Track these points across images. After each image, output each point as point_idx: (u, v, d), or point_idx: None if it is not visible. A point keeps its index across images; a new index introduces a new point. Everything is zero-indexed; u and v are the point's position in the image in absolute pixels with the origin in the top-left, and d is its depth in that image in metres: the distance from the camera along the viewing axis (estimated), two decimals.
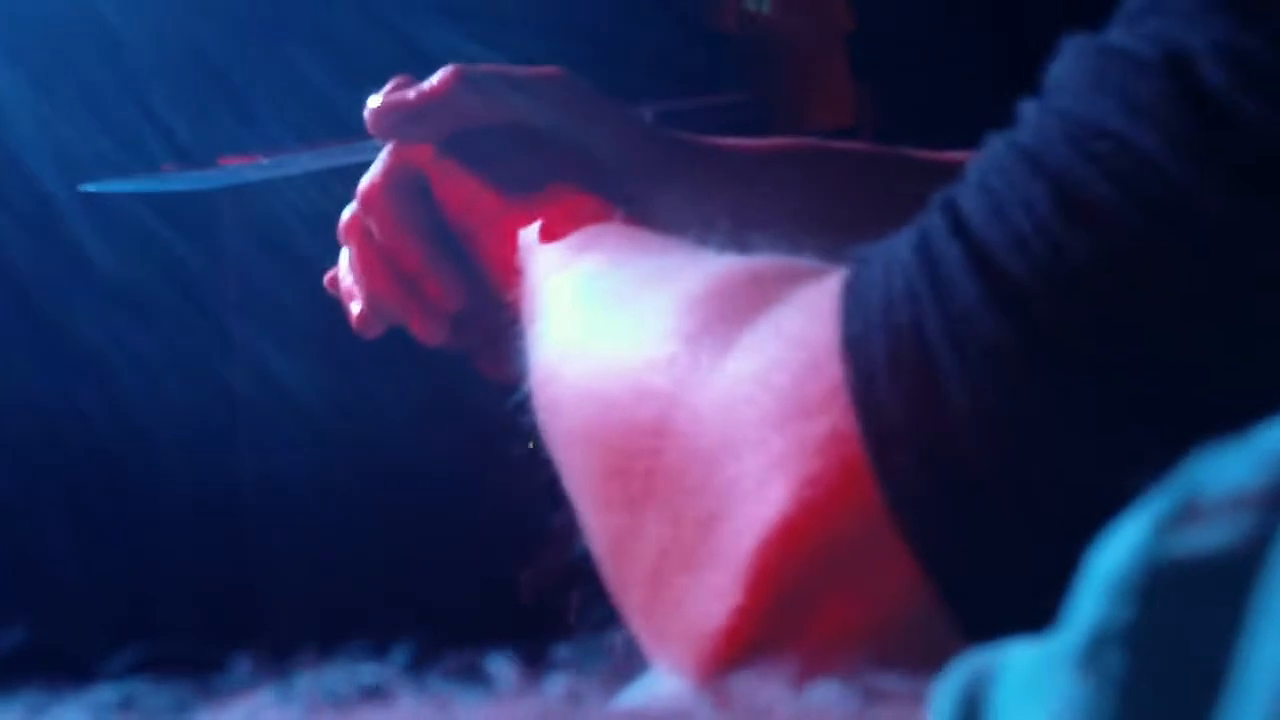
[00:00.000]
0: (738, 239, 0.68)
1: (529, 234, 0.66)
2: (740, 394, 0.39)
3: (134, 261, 2.08)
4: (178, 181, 2.17)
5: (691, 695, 0.40)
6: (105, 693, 0.36)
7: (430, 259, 0.73)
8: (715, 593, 0.39)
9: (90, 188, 2.15)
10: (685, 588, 0.40)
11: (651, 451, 0.43)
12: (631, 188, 0.71)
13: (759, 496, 0.37)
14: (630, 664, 0.47)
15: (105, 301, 2.04)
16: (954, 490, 0.34)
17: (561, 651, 0.43)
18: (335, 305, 0.82)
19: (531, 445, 0.59)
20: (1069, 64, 0.37)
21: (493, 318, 0.71)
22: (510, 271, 0.68)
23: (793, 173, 0.74)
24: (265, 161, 2.50)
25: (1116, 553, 0.31)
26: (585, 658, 0.48)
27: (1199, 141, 0.32)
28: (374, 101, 0.72)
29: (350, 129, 2.60)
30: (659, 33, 3.24)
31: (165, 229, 2.11)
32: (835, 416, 0.36)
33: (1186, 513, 0.30)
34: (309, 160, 2.45)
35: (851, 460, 0.36)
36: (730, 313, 0.42)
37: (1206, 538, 0.30)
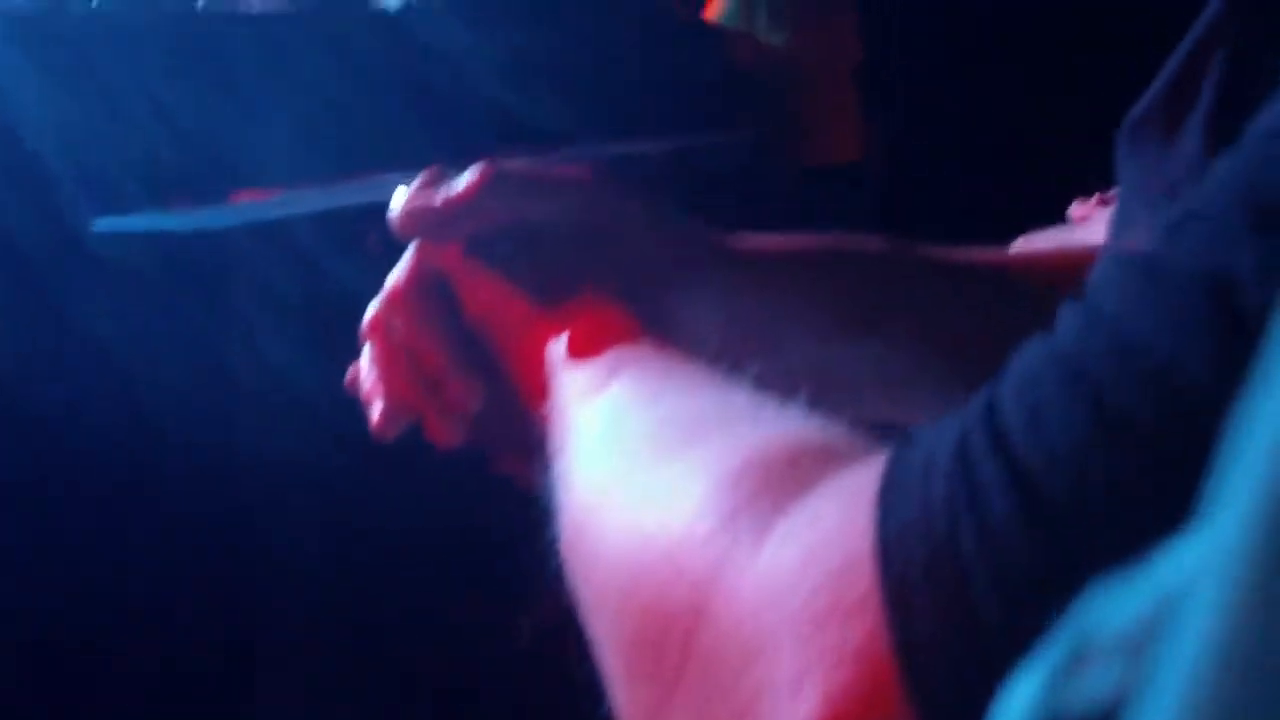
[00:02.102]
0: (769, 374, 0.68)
1: (556, 347, 0.65)
2: (777, 586, 0.40)
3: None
4: (191, 220, 2.17)
5: None
6: None
7: (452, 360, 0.72)
8: None
9: (104, 225, 2.15)
10: None
11: (686, 631, 0.43)
12: (659, 291, 0.70)
13: (791, 703, 0.37)
14: None
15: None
16: (984, 711, 0.34)
17: None
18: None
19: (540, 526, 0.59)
20: (1112, 274, 0.36)
21: (512, 421, 0.70)
22: (534, 380, 0.67)
23: (813, 273, 0.74)
24: (280, 197, 2.51)
25: (1016, 706, 0.31)
26: None
27: (1240, 370, 0.32)
28: (401, 201, 0.70)
29: (368, 164, 2.61)
30: (673, 68, 3.24)
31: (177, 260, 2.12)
32: (869, 623, 0.36)
33: (1075, 661, 0.30)
34: (324, 198, 2.46)
35: (883, 671, 0.36)
36: (767, 493, 0.41)
37: (1092, 687, 0.29)
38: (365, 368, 0.75)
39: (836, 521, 0.40)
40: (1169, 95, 0.77)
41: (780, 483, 0.43)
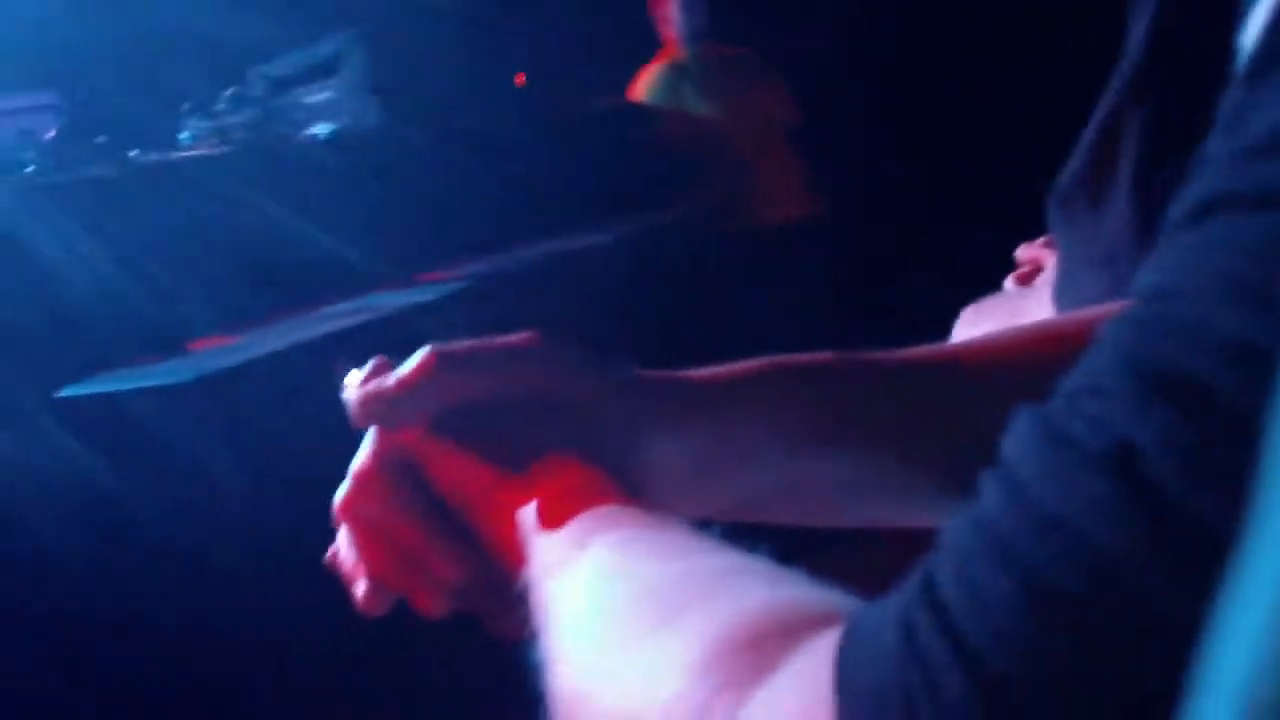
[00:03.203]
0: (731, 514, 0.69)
1: (526, 514, 0.66)
2: None
3: None
4: (153, 376, 2.17)
5: None
6: None
7: (430, 537, 0.73)
8: None
9: (68, 392, 2.14)
10: None
11: None
12: (619, 444, 0.71)
13: None
14: None
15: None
16: None
17: None
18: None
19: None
20: (1023, 443, 0.39)
21: (498, 585, 0.71)
22: (512, 545, 0.69)
23: (771, 391, 0.75)
24: (238, 342, 2.52)
25: None
26: None
27: (1154, 540, 0.35)
28: (353, 390, 0.71)
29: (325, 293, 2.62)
30: (609, 154, 3.26)
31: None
32: None
33: None
34: (280, 334, 2.47)
35: None
36: (735, 677, 0.45)
37: None
38: (343, 548, 0.75)
39: (796, 706, 0.42)
40: (1091, 163, 0.78)
41: (746, 667, 0.45)
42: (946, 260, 1.31)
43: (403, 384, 0.71)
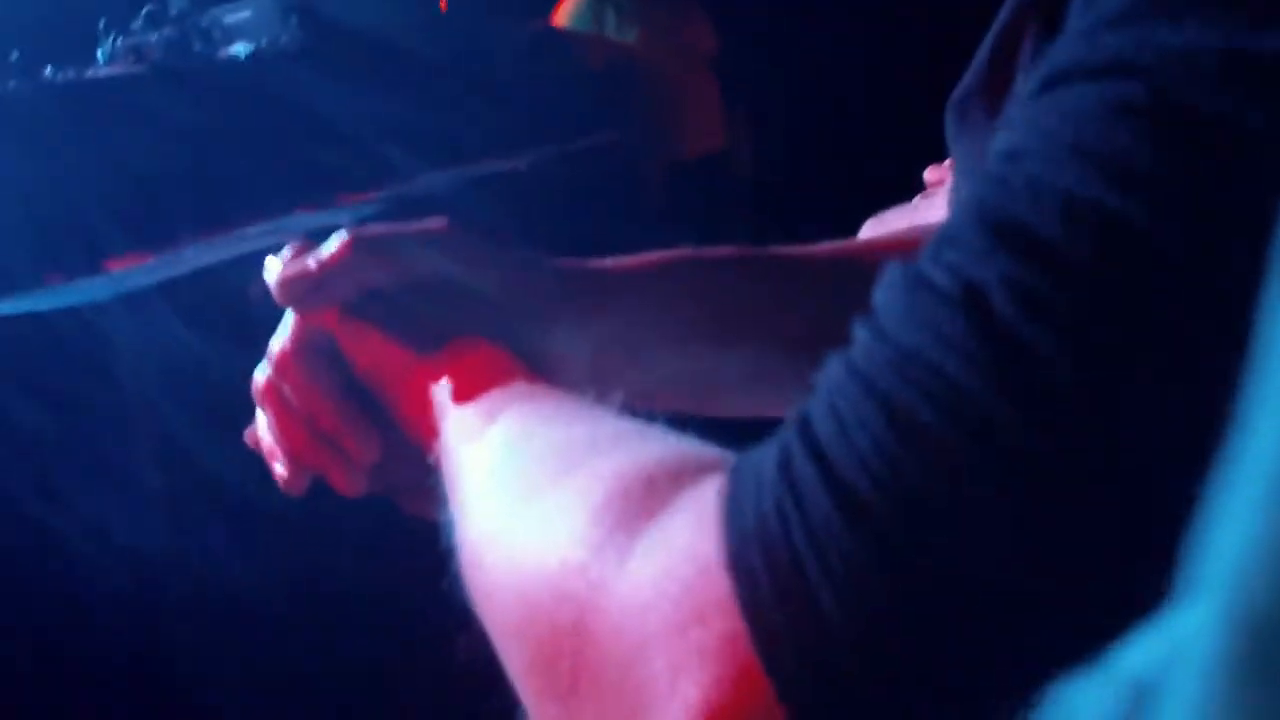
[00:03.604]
0: (639, 392, 0.72)
1: (439, 392, 0.69)
2: (641, 601, 0.45)
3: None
4: (68, 294, 2.15)
5: None
6: None
7: (345, 417, 0.76)
8: None
9: None
10: None
11: (574, 650, 0.48)
12: (527, 328, 0.74)
13: (670, 698, 0.42)
14: None
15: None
16: (834, 683, 0.40)
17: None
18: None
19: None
20: (888, 292, 0.43)
21: (410, 464, 0.73)
22: (424, 425, 0.71)
23: (671, 284, 0.78)
24: (153, 261, 2.50)
25: None
26: None
27: (995, 368, 0.39)
28: (273, 273, 0.73)
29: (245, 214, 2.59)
30: (529, 80, 3.26)
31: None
32: (727, 621, 0.42)
33: None
34: (199, 254, 2.45)
35: (747, 662, 0.41)
36: (627, 520, 0.48)
37: None
38: (262, 429, 0.77)
39: (687, 539, 0.45)
40: (988, 72, 0.81)
41: (638, 509, 0.48)
42: (862, 190, 1.34)
43: (322, 266, 0.73)
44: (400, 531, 0.80)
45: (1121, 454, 0.38)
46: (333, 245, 0.73)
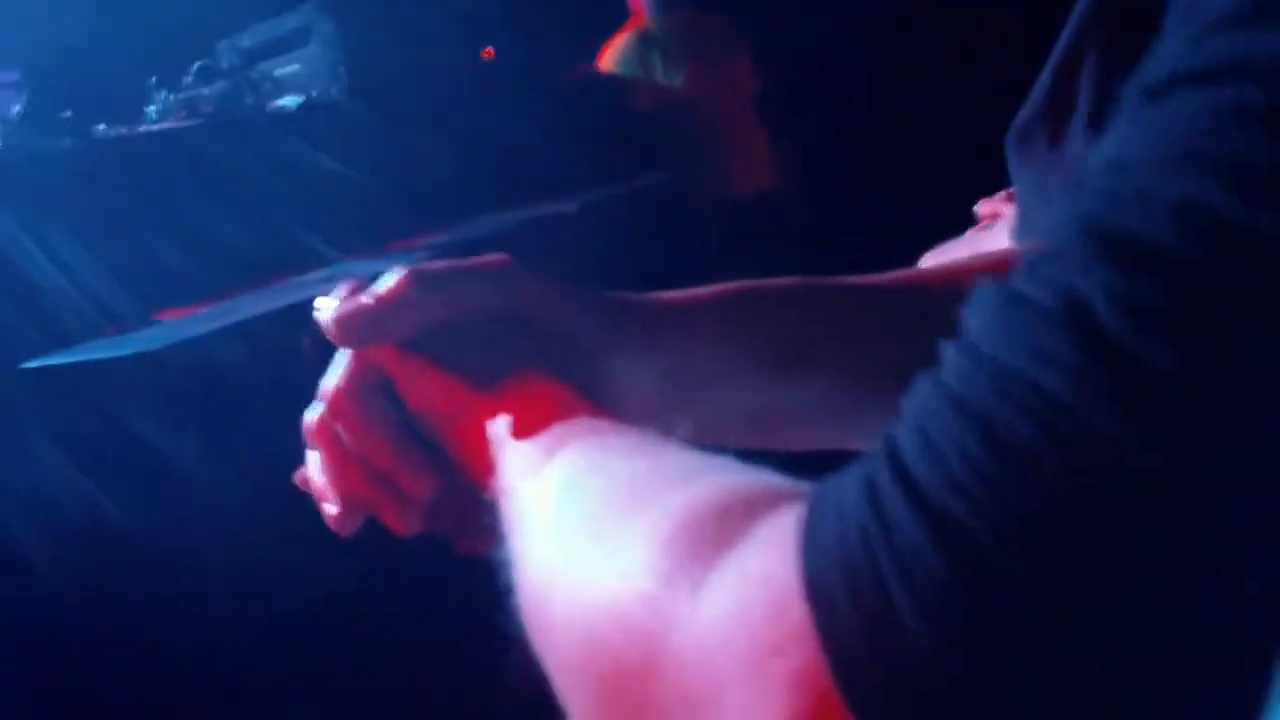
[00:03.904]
0: (706, 425, 0.70)
1: (497, 429, 0.67)
2: (717, 634, 0.43)
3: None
4: (121, 346, 2.16)
5: None
6: None
7: (401, 455, 0.74)
8: None
9: (34, 364, 2.14)
10: None
11: (641, 690, 0.46)
12: (588, 363, 0.73)
13: None
14: None
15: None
16: (920, 716, 0.38)
17: None
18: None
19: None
20: (981, 312, 0.41)
21: (466, 503, 0.72)
22: (481, 463, 0.69)
23: (732, 316, 0.76)
24: (204, 312, 2.51)
25: None
26: None
27: (1102, 382, 0.37)
28: (328, 311, 0.72)
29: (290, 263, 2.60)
30: (577, 124, 3.26)
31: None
32: (807, 653, 0.40)
33: None
34: (251, 304, 2.46)
35: (827, 695, 0.39)
36: (700, 551, 0.45)
37: None
38: (313, 470, 0.76)
39: (763, 568, 0.43)
40: (1050, 100, 0.79)
41: (711, 540, 0.46)
42: (914, 229, 1.33)
43: (381, 302, 0.72)
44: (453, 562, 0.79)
45: (1241, 472, 0.36)
46: (390, 281, 0.72)
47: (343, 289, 0.75)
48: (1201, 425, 0.36)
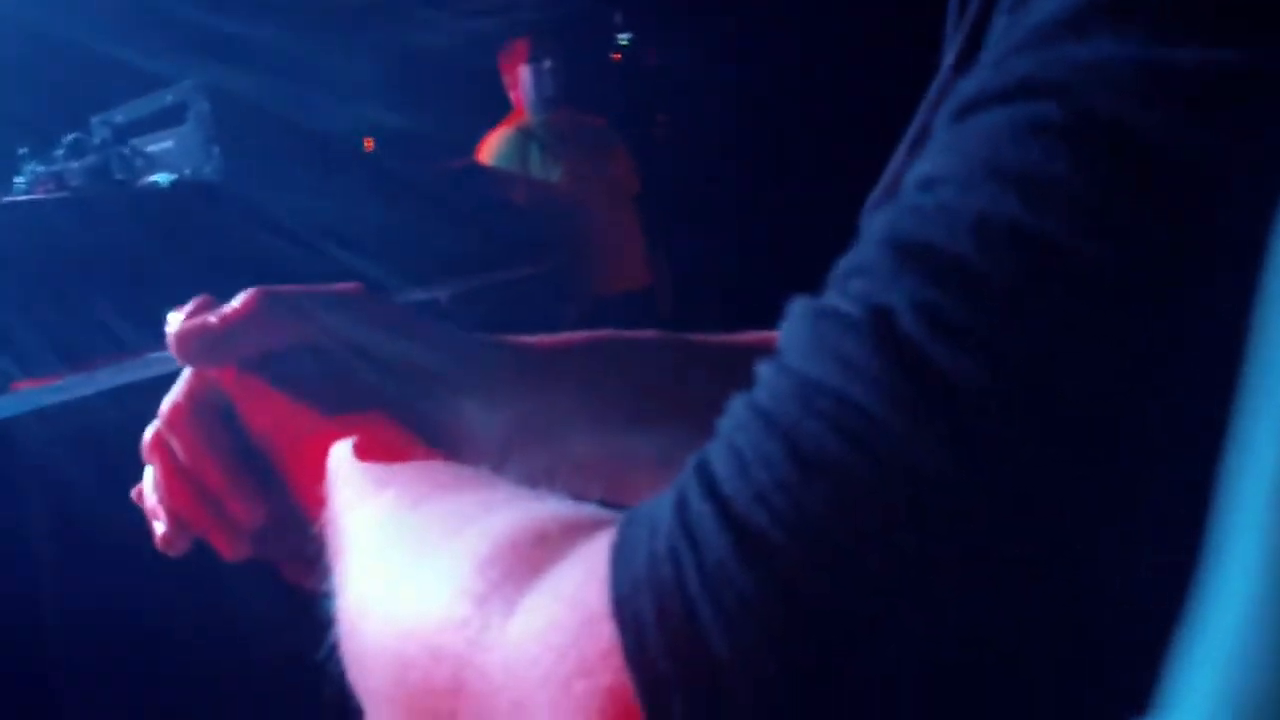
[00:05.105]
0: (556, 470, 0.70)
1: (333, 459, 0.66)
2: (525, 655, 0.42)
3: None
4: None
5: None
6: None
7: (232, 479, 0.72)
8: None
9: None
10: None
11: (449, 712, 0.45)
12: (434, 401, 0.72)
13: None
14: None
15: None
16: None
17: None
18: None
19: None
20: (793, 326, 0.41)
21: (295, 532, 0.70)
22: (314, 490, 0.68)
23: (590, 366, 0.76)
24: (61, 383, 2.46)
25: None
26: None
27: (905, 392, 0.37)
28: (174, 325, 0.70)
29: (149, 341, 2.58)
30: (451, 215, 3.28)
31: None
32: (613, 673, 0.39)
33: None
34: (108, 377, 2.42)
35: (632, 713, 0.38)
36: (516, 574, 0.45)
37: None
38: (147, 486, 0.74)
39: (575, 589, 0.42)
40: (901, 172, 0.82)
41: (528, 561, 0.45)
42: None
43: (225, 320, 0.70)
44: None
45: (1038, 478, 0.36)
46: (238, 301, 0.70)
47: (190, 305, 0.74)
48: (1002, 432, 0.36)
